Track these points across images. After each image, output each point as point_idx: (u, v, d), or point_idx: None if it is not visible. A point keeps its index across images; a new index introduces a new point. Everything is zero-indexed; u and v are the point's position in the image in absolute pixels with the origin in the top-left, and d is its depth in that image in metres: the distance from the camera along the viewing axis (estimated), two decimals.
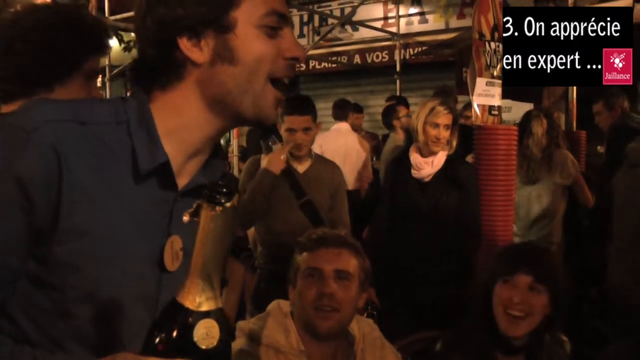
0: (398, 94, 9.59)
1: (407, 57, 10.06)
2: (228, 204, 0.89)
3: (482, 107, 3.92)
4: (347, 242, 2.22)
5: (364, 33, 10.54)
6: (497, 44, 3.94)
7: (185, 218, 0.94)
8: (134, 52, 9.78)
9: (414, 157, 3.97)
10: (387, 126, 6.85)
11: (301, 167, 3.83)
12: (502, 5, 4.02)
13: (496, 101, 3.99)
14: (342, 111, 6.78)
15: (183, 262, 1.20)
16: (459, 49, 7.66)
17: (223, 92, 1.17)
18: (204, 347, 0.90)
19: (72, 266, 1.09)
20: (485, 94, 3.91)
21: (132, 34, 9.23)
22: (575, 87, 5.46)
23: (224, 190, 0.89)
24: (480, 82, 3.86)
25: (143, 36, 1.18)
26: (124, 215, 1.13)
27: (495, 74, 3.96)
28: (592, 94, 5.49)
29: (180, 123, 1.18)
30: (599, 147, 5.95)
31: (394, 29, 9.88)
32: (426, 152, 3.94)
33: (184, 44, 1.14)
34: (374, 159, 7.26)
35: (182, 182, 1.20)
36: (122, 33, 9.09)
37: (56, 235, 1.07)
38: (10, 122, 1.08)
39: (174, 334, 0.90)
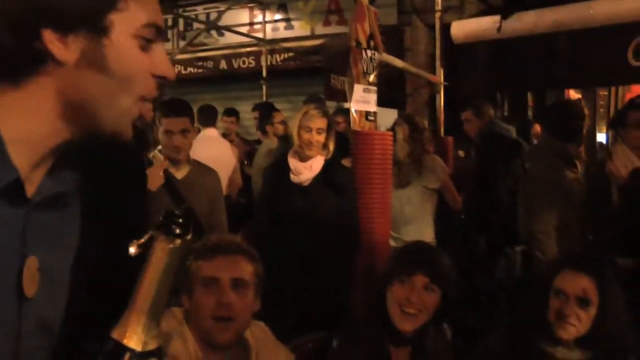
0: (264, 99, 9.62)
1: (274, 63, 10.09)
2: (187, 237, 0.84)
3: (359, 112, 4.01)
4: (243, 249, 2.21)
5: (230, 38, 10.45)
6: (372, 52, 4.04)
7: (133, 250, 0.88)
8: None
9: (293, 162, 4.01)
10: (262, 132, 6.85)
11: (179, 173, 3.77)
12: (377, 15, 4.13)
13: (372, 107, 4.10)
14: (208, 117, 6.67)
15: (42, 285, 1.07)
16: (327, 56, 7.79)
17: (84, 101, 1.03)
18: None
19: None
20: (363, 100, 4.01)
21: None
22: (442, 94, 5.68)
23: (181, 220, 0.84)
24: (358, 89, 3.95)
25: (3, 17, 0.99)
26: None
27: (371, 80, 4.06)
28: (456, 102, 5.75)
29: (28, 130, 1.02)
30: (460, 152, 6.23)
31: (260, 35, 9.90)
32: (303, 157, 3.99)
33: (49, 35, 0.98)
34: (245, 163, 7.23)
35: (28, 192, 1.04)
36: None
37: None
38: None
39: None
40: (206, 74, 11.20)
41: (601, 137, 8.67)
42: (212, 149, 6.20)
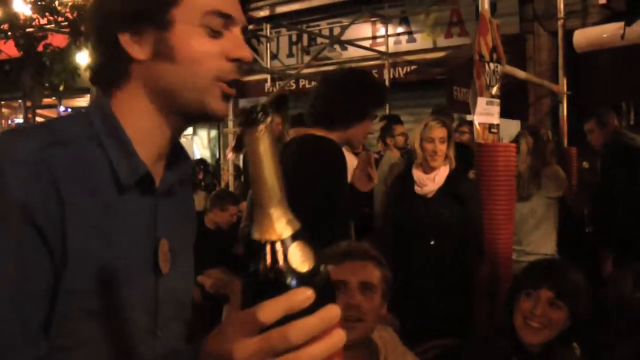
0: (388, 112, 9.73)
1: (396, 75, 10.18)
2: (268, 119, 0.86)
3: (482, 125, 4.06)
4: (371, 255, 2.29)
5: (352, 52, 10.62)
6: (495, 64, 4.09)
7: (230, 154, 0.97)
8: None
9: (417, 174, 4.11)
10: (383, 143, 6.97)
11: None
12: (499, 27, 4.18)
13: (495, 120, 4.13)
14: None
15: (173, 262, 1.22)
16: (450, 68, 7.81)
17: (165, 89, 1.16)
18: (305, 270, 0.85)
19: (83, 291, 1.08)
20: (486, 113, 4.06)
21: None
22: (565, 104, 5.60)
23: (259, 109, 0.86)
24: (481, 102, 4.00)
25: (92, 33, 1.19)
26: (117, 228, 1.13)
27: (494, 93, 4.11)
28: (580, 112, 5.66)
29: (143, 129, 1.18)
30: (584, 163, 6.10)
31: (382, 48, 10.02)
32: (427, 169, 4.09)
33: (125, 39, 1.14)
34: None
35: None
36: None
37: (65, 258, 1.06)
38: None
39: (271, 271, 0.84)
40: None
41: None
42: None
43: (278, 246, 0.85)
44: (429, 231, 4.00)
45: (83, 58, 8.42)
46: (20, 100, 14.99)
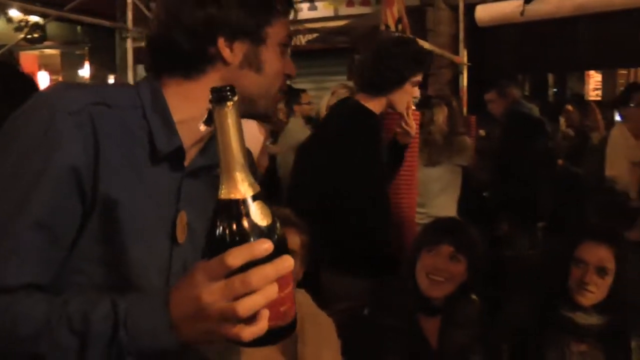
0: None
1: (298, 43, 10.21)
2: (235, 98, 0.99)
3: None
4: (292, 222, 2.37)
5: None
6: (401, 34, 4.19)
7: (202, 128, 1.16)
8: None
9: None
10: (289, 111, 7.00)
11: None
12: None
13: None
14: None
15: (188, 235, 1.32)
16: (352, 37, 7.92)
17: (245, 93, 1.26)
18: (265, 224, 1.00)
19: (104, 237, 1.19)
20: None
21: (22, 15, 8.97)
22: (465, 74, 5.80)
23: (227, 88, 0.99)
24: None
25: (181, 26, 1.28)
26: (145, 193, 1.24)
27: None
28: (480, 83, 5.88)
29: (192, 114, 1.28)
30: (481, 131, 6.35)
31: None
32: None
33: (222, 43, 1.28)
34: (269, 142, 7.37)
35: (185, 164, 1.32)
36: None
37: (94, 210, 1.18)
38: (51, 103, 1.18)
39: (236, 225, 0.98)
40: None
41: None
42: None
43: (242, 204, 0.99)
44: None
45: None
46: None
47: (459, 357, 2.70)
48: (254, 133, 6.33)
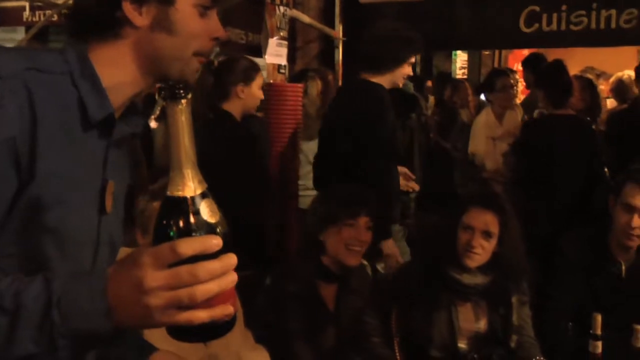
0: None
1: None
2: (189, 95, 1.00)
3: (272, 65, 4.21)
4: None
5: None
6: (285, 8, 4.24)
7: (153, 124, 1.10)
8: None
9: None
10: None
11: None
12: None
13: (283, 60, 4.30)
14: None
15: (114, 205, 1.33)
16: (224, 8, 7.83)
17: (157, 56, 1.29)
18: (213, 221, 1.02)
19: (40, 207, 1.16)
20: (276, 54, 4.20)
21: None
22: (341, 49, 5.89)
23: (181, 86, 1.00)
24: (272, 43, 4.14)
25: None
26: (79, 162, 1.22)
27: (282, 35, 4.27)
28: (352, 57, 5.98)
29: (116, 79, 1.27)
30: None
31: None
32: None
33: (127, 7, 1.24)
34: None
35: None
36: None
37: (32, 179, 1.14)
38: None
39: (187, 221, 1.00)
40: None
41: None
42: None
43: (192, 201, 1.01)
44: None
45: None
46: None
47: (354, 319, 2.84)
48: None
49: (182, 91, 0.99)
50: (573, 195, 4.16)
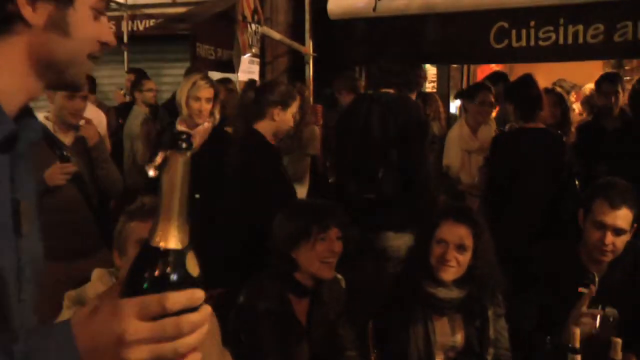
0: (126, 65, 9.50)
1: (135, 29, 9.95)
2: (193, 148, 0.98)
3: (244, 82, 4.23)
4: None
5: None
6: (256, 25, 4.27)
7: (152, 172, 1.00)
8: None
9: (181, 129, 4.15)
10: (131, 97, 6.86)
11: (67, 139, 3.78)
12: None
13: (255, 76, 4.32)
14: None
15: (29, 222, 1.22)
16: (194, 24, 7.85)
17: (51, 59, 1.19)
18: (195, 275, 1.00)
19: None
20: (248, 71, 4.23)
21: None
22: (312, 63, 5.95)
23: (185, 136, 0.97)
24: (244, 60, 4.17)
25: None
26: None
27: (254, 52, 4.29)
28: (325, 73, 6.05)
29: (8, 84, 1.16)
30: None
31: (121, 0, 9.74)
32: (192, 125, 4.15)
33: (21, 0, 1.13)
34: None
35: None
36: None
37: None
38: None
39: (173, 273, 0.98)
40: None
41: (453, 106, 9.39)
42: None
43: (178, 254, 0.99)
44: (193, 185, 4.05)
45: None
46: None
47: (327, 333, 2.84)
48: (97, 115, 6.21)
49: (186, 142, 0.97)
50: (543, 208, 4.22)
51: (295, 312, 2.82)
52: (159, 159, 0.99)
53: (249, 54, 4.28)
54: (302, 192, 5.13)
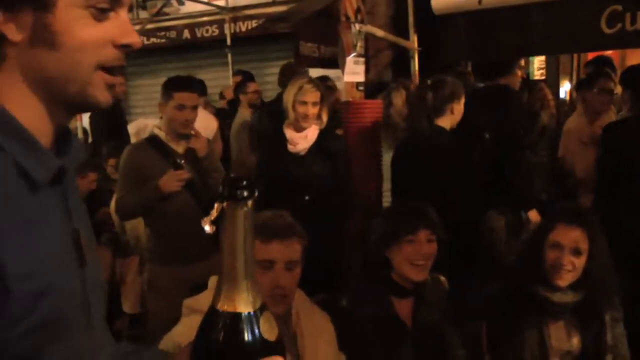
0: (230, 67, 9.72)
1: (237, 30, 10.16)
2: (255, 196, 0.87)
3: (350, 83, 4.23)
4: (295, 231, 2.32)
5: (190, 7, 10.45)
6: (360, 25, 4.27)
7: (208, 228, 0.91)
8: None
9: (289, 133, 4.20)
10: (237, 100, 7.00)
11: (180, 147, 3.90)
12: None
13: (361, 78, 4.32)
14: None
15: (89, 249, 1.16)
16: (294, 23, 7.91)
17: (45, 78, 1.04)
18: (273, 339, 0.90)
19: (25, 311, 0.98)
20: (353, 72, 4.23)
21: None
22: (417, 58, 5.88)
23: (245, 184, 0.86)
24: (350, 62, 4.18)
25: None
26: (42, 234, 1.02)
27: (358, 51, 4.29)
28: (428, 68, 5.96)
29: (25, 117, 1.04)
30: None
31: (221, 3, 9.94)
32: (299, 128, 4.19)
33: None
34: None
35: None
36: None
37: (6, 294, 0.95)
38: None
39: (245, 341, 0.88)
40: (167, 44, 11.06)
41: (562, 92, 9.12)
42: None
43: (252, 317, 0.89)
44: (303, 187, 4.13)
45: None
46: None
47: (434, 333, 2.80)
48: (208, 123, 6.40)
49: (246, 190, 0.85)
50: None
51: (398, 313, 2.79)
52: (215, 212, 0.89)
53: (353, 54, 4.28)
54: None
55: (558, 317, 2.81)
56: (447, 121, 3.91)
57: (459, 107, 3.93)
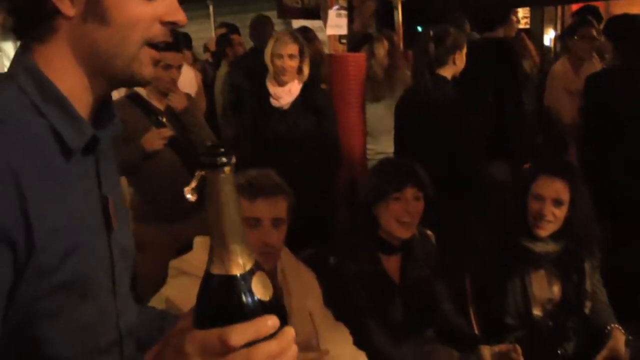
0: (212, 19, 9.58)
1: None
2: (233, 161, 0.87)
3: (333, 36, 4.20)
4: (280, 188, 2.35)
5: None
6: None
7: (190, 196, 0.91)
8: None
9: (272, 88, 4.12)
10: (222, 54, 6.89)
11: (162, 105, 3.84)
12: None
13: (344, 30, 4.29)
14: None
15: (117, 219, 1.19)
16: None
17: (93, 52, 1.09)
18: (267, 299, 0.90)
19: (47, 264, 1.01)
20: (336, 25, 4.20)
21: None
22: (400, 9, 5.83)
23: (222, 150, 0.87)
24: (332, 15, 4.14)
25: None
26: (71, 196, 1.07)
27: (340, 4, 4.25)
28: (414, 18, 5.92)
29: (69, 86, 1.09)
30: None
31: None
32: (280, 82, 4.10)
33: None
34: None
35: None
36: None
37: (31, 247, 0.99)
38: None
39: (238, 302, 0.89)
40: None
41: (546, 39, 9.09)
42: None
43: (242, 279, 0.89)
44: (288, 142, 4.09)
45: None
46: None
47: (422, 289, 2.85)
48: (189, 79, 6.32)
49: (224, 157, 0.86)
50: None
51: (386, 269, 2.83)
52: (195, 180, 0.90)
53: (335, 7, 4.24)
54: None
55: (539, 266, 2.88)
56: (449, 71, 3.89)
57: (461, 58, 3.91)
